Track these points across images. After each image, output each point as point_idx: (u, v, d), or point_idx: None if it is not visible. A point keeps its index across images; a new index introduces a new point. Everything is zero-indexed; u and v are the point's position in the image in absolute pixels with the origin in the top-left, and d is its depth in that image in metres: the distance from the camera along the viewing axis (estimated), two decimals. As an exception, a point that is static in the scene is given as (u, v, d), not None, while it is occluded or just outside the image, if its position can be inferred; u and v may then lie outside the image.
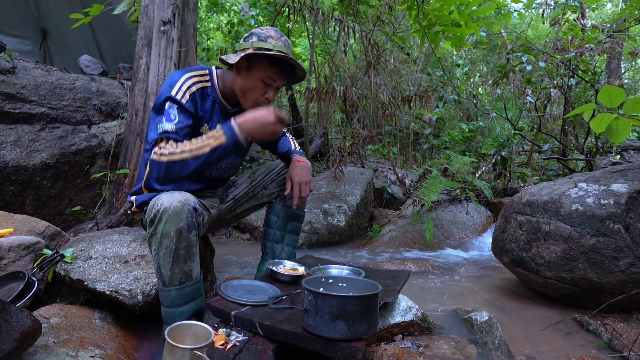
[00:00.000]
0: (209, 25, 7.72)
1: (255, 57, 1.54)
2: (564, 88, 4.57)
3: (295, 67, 1.60)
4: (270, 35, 1.55)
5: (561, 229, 1.94)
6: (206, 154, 1.38)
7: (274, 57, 1.53)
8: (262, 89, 1.57)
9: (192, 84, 1.55)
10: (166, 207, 1.35)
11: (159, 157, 1.40)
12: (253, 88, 1.56)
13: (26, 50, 4.56)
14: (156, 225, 1.37)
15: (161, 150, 1.41)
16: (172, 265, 1.38)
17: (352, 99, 4.77)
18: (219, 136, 1.39)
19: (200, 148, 1.39)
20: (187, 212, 1.37)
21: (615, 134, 1.50)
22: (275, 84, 1.58)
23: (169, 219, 1.35)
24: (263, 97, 1.58)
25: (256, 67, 1.55)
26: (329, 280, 1.39)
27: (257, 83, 1.55)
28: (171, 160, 1.39)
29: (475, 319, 1.71)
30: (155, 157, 1.40)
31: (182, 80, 1.53)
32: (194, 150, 1.39)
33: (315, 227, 3.44)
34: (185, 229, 1.37)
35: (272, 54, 1.51)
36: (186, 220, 1.37)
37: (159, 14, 2.50)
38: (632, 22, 4.72)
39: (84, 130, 2.99)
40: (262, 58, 1.53)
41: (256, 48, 1.52)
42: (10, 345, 1.03)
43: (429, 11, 3.40)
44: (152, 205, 1.39)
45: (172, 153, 1.39)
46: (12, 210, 2.35)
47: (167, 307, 1.43)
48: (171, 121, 1.47)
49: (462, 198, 4.02)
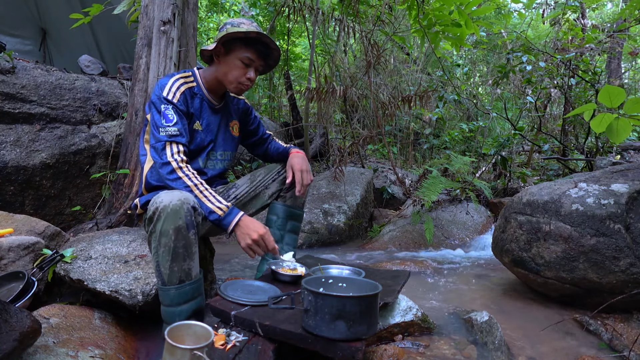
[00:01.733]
0: (209, 25, 7.72)
1: (231, 41, 1.66)
2: (564, 88, 4.57)
3: (270, 47, 1.70)
4: (242, 22, 1.67)
5: (561, 229, 1.94)
6: (205, 207, 1.50)
7: (248, 37, 1.64)
8: (243, 70, 1.67)
9: (180, 85, 1.67)
10: (165, 205, 1.36)
11: (177, 167, 1.52)
12: (233, 69, 1.66)
13: (26, 50, 4.56)
14: (155, 223, 1.37)
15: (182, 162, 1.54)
16: (171, 263, 1.38)
17: (352, 99, 4.77)
18: (223, 210, 1.51)
19: (206, 200, 1.51)
20: (186, 210, 1.38)
21: (616, 134, 1.50)
22: (254, 64, 1.68)
23: (167, 217, 1.35)
24: (245, 78, 1.68)
25: (233, 50, 1.66)
26: (329, 280, 1.39)
27: (237, 64, 1.66)
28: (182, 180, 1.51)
29: (475, 319, 1.71)
30: (174, 164, 1.53)
31: (170, 83, 1.65)
32: (203, 195, 1.51)
33: (315, 227, 3.44)
34: (184, 227, 1.37)
35: (245, 30, 1.62)
36: (185, 219, 1.37)
37: (159, 14, 2.50)
38: (632, 22, 4.72)
39: (84, 130, 2.99)
40: (237, 40, 1.65)
41: (231, 32, 1.62)
42: (10, 345, 1.03)
43: (429, 11, 3.40)
44: (151, 203, 1.40)
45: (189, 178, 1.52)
46: (12, 210, 2.35)
47: (167, 306, 1.43)
48: (170, 122, 1.58)
49: (462, 198, 4.01)
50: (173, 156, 1.54)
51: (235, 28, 1.63)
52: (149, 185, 1.73)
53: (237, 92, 1.73)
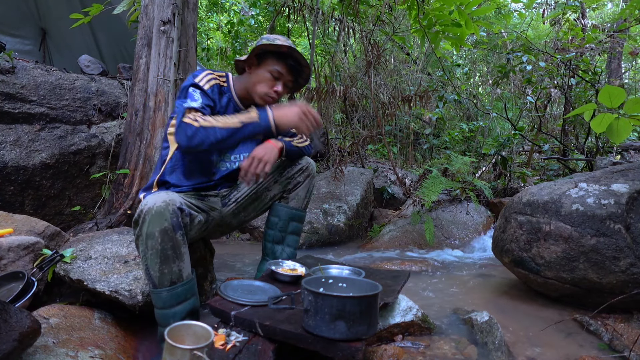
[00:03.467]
0: (209, 25, 7.71)
1: (264, 54, 1.69)
2: (564, 88, 4.57)
3: (301, 63, 1.73)
4: (278, 38, 1.71)
5: (561, 229, 1.93)
6: (236, 127, 1.51)
7: (281, 52, 1.68)
8: (271, 82, 1.69)
9: (211, 78, 1.69)
10: (149, 208, 1.35)
11: (191, 121, 1.50)
12: (262, 81, 1.69)
13: (26, 50, 4.56)
14: (140, 226, 1.37)
15: (195, 116, 1.53)
16: (161, 266, 1.37)
17: (352, 99, 4.77)
18: (251, 115, 1.53)
19: (231, 121, 1.52)
20: (172, 212, 1.37)
21: (616, 134, 1.50)
22: (283, 77, 1.71)
23: (152, 219, 1.35)
24: (272, 90, 1.70)
25: (265, 62, 1.70)
26: (329, 281, 1.39)
27: (266, 76, 1.69)
28: (202, 125, 1.49)
29: (476, 319, 1.71)
30: (187, 120, 1.50)
31: (203, 74, 1.69)
32: (227, 122, 1.52)
33: (315, 227, 3.43)
34: (170, 229, 1.36)
35: (279, 44, 1.65)
36: (171, 220, 1.37)
37: (159, 14, 2.50)
38: (632, 22, 4.72)
39: (84, 130, 2.99)
40: (270, 54, 1.69)
41: (265, 44, 1.66)
42: (9, 345, 1.03)
43: (429, 11, 3.40)
44: (139, 207, 1.40)
45: (206, 120, 1.51)
46: (12, 210, 2.35)
47: (160, 309, 1.42)
48: (195, 100, 1.60)
49: (462, 198, 4.01)
50: (188, 115, 1.52)
51: (270, 42, 1.67)
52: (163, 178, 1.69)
53: (262, 103, 1.71)
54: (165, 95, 2.54)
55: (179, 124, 1.51)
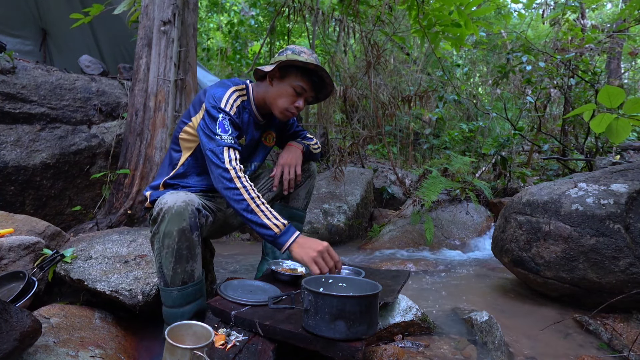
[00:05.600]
0: (209, 25, 7.72)
1: (288, 67, 1.63)
2: (564, 88, 4.57)
3: (325, 81, 1.68)
4: (303, 51, 1.65)
5: (561, 229, 1.94)
6: (258, 220, 1.44)
7: (305, 67, 1.62)
8: (293, 97, 1.64)
9: (236, 98, 1.63)
10: (169, 207, 1.36)
11: (235, 175, 1.45)
12: (284, 95, 1.63)
13: (26, 50, 4.56)
14: (159, 224, 1.37)
15: (241, 172, 1.48)
16: (175, 265, 1.38)
17: (352, 99, 4.77)
18: (279, 227, 1.45)
19: (260, 214, 1.45)
20: (191, 212, 1.38)
21: (615, 134, 1.51)
22: (305, 94, 1.66)
23: (171, 218, 1.35)
24: (293, 105, 1.65)
25: (288, 76, 1.63)
26: (329, 280, 1.39)
27: (289, 91, 1.63)
28: (241, 193, 1.44)
29: (475, 319, 1.71)
30: (233, 172, 1.45)
31: (228, 95, 1.61)
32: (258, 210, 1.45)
33: (315, 227, 3.44)
34: (187, 229, 1.37)
35: (305, 60, 1.59)
36: (189, 221, 1.37)
37: (159, 14, 2.50)
38: (632, 22, 4.73)
39: (84, 130, 2.99)
40: (294, 68, 1.63)
41: (292, 59, 1.59)
42: (10, 345, 1.03)
43: (429, 11, 3.41)
44: (156, 204, 1.40)
45: (246, 189, 1.46)
46: (12, 210, 2.35)
47: (169, 308, 1.43)
48: (226, 132, 1.53)
49: (462, 198, 4.02)
50: (231, 162, 1.48)
51: (296, 56, 1.61)
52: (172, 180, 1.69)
53: (282, 118, 1.69)
54: (166, 96, 2.54)
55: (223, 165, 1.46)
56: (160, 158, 2.51)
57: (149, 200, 1.69)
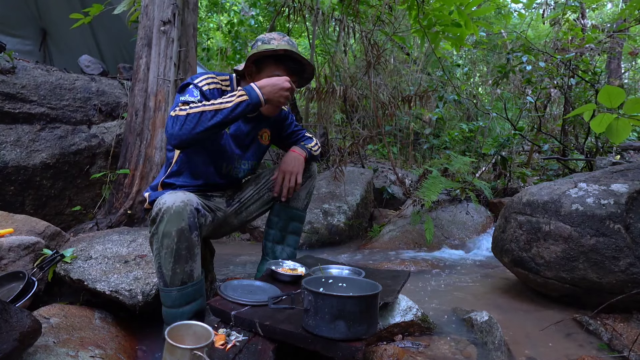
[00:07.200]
0: (209, 25, 7.72)
1: (262, 59, 1.61)
2: (564, 88, 4.57)
3: (302, 62, 1.65)
4: (273, 37, 1.63)
5: (561, 229, 1.94)
6: (228, 109, 1.43)
7: (278, 55, 1.60)
8: None
9: (212, 82, 1.62)
10: (168, 207, 1.36)
11: (178, 112, 1.42)
12: None
13: (26, 50, 4.56)
14: (158, 224, 1.37)
15: (182, 106, 1.44)
16: (174, 265, 1.38)
17: (352, 99, 4.77)
18: (240, 94, 1.45)
19: (222, 104, 1.44)
20: (189, 212, 1.38)
21: (615, 134, 1.50)
22: None
23: (170, 218, 1.35)
24: None
25: (264, 68, 1.62)
26: (329, 280, 1.39)
27: None
28: (190, 112, 1.41)
29: (475, 319, 1.71)
30: (174, 113, 1.43)
31: (204, 76, 1.61)
32: (215, 104, 1.44)
33: (315, 227, 3.44)
34: (186, 229, 1.37)
35: (274, 47, 1.57)
36: (188, 221, 1.37)
37: (159, 14, 2.50)
38: (632, 22, 4.72)
39: (84, 130, 2.99)
40: (267, 58, 1.60)
41: (260, 50, 1.57)
42: (10, 345, 1.03)
43: (429, 11, 3.40)
44: (155, 205, 1.40)
45: (193, 108, 1.42)
46: (12, 210, 2.34)
47: (168, 308, 1.43)
48: (193, 97, 1.52)
49: (462, 198, 4.01)
50: (175, 109, 1.44)
51: (266, 45, 1.59)
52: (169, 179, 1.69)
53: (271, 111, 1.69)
54: (166, 95, 2.54)
55: (169, 118, 1.44)
56: (160, 158, 2.51)
57: (147, 201, 1.69)
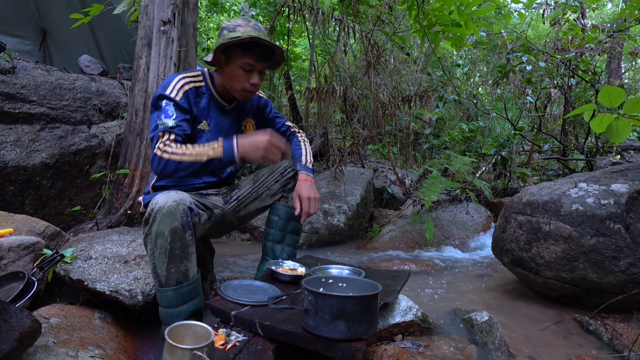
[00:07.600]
0: (209, 25, 7.72)
1: (229, 48, 1.59)
2: (564, 88, 4.57)
3: (270, 47, 1.62)
4: (238, 24, 1.61)
5: (561, 229, 1.94)
6: (202, 162, 1.45)
7: (244, 42, 1.57)
8: (245, 76, 1.62)
9: (184, 84, 1.62)
10: (160, 207, 1.36)
11: (161, 153, 1.45)
12: (236, 77, 1.62)
13: (26, 50, 4.56)
14: (151, 224, 1.37)
15: (165, 147, 1.46)
16: (168, 265, 1.38)
17: (352, 99, 4.77)
18: (217, 149, 1.45)
19: (199, 155, 1.45)
20: (182, 211, 1.38)
21: (616, 134, 1.50)
22: (255, 68, 1.62)
23: (162, 218, 1.35)
24: (248, 84, 1.63)
25: (232, 57, 1.61)
26: (329, 280, 1.39)
27: (238, 72, 1.61)
28: (171, 159, 1.44)
29: (475, 319, 1.71)
30: (159, 152, 1.46)
31: (175, 81, 1.61)
32: (193, 155, 1.45)
33: (315, 227, 3.44)
34: (179, 228, 1.37)
35: (239, 35, 1.55)
36: (181, 220, 1.37)
37: (159, 14, 2.50)
38: (632, 22, 4.72)
39: (84, 130, 2.99)
40: (234, 47, 1.59)
41: (227, 40, 1.56)
42: (10, 345, 1.03)
43: (429, 11, 3.40)
44: (149, 206, 1.40)
45: (174, 153, 1.45)
46: (12, 210, 2.35)
47: (165, 308, 1.42)
48: (169, 117, 1.53)
49: (462, 198, 4.01)
50: (159, 146, 1.46)
51: (231, 33, 1.57)
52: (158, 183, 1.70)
53: (243, 98, 1.69)
54: (166, 95, 2.54)
55: (153, 155, 1.46)
56: (160, 158, 2.51)
57: (142, 205, 1.70)
